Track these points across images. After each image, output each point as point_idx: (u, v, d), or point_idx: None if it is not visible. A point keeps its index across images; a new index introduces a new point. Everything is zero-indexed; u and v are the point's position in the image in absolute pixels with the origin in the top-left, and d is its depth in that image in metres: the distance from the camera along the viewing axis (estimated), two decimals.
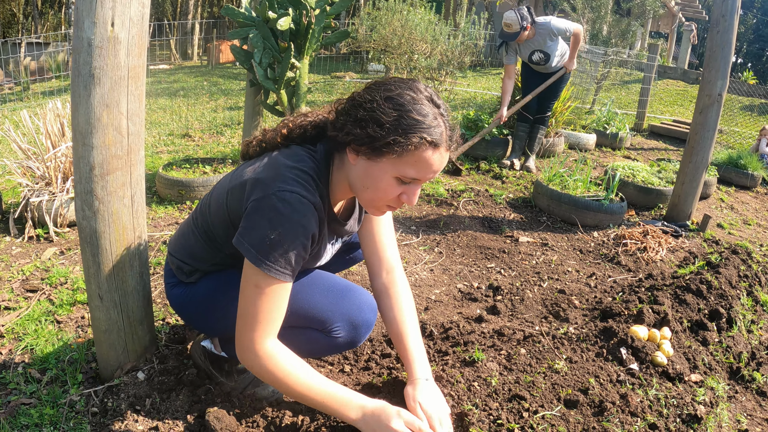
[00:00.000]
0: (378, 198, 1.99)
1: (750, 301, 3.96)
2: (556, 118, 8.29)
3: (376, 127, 1.86)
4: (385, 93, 1.90)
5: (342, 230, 2.32)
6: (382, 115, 1.86)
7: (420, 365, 2.32)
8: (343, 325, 2.26)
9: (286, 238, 1.91)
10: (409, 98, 1.88)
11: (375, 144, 1.87)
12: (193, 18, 28.40)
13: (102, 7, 2.04)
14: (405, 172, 1.90)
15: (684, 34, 27.82)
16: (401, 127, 1.84)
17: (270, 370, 2.01)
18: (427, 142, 1.86)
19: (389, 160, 1.89)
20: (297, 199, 1.91)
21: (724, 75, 5.56)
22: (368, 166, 1.94)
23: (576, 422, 2.28)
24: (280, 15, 5.47)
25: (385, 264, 2.51)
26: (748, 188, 8.73)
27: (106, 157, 2.22)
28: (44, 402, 2.52)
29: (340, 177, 2.09)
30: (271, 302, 1.98)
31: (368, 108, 1.90)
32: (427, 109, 1.89)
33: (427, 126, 1.86)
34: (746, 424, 2.87)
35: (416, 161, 1.88)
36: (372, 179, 1.95)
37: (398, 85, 1.93)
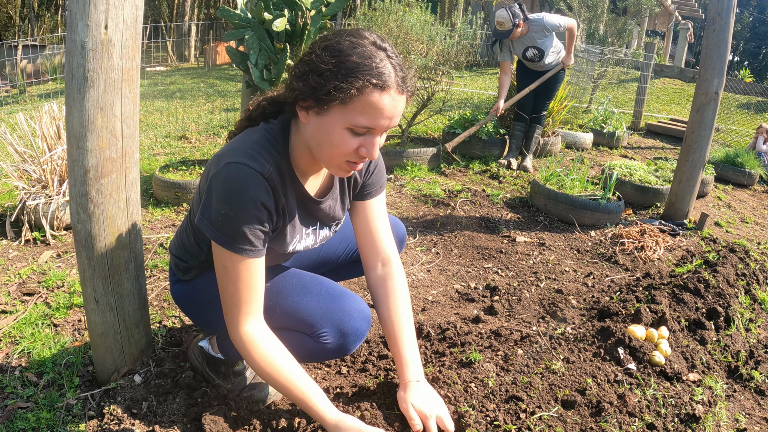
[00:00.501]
0: (335, 154, 1.91)
1: (748, 299, 3.96)
2: (553, 118, 8.29)
3: (316, 77, 1.81)
4: (323, 43, 1.86)
5: (318, 210, 2.25)
6: (320, 64, 1.81)
7: (412, 368, 2.29)
8: (330, 331, 2.20)
9: (237, 212, 1.91)
10: (348, 44, 1.82)
11: (317, 94, 1.82)
12: (189, 19, 28.39)
13: (95, 9, 2.03)
14: (355, 120, 1.83)
15: (680, 33, 27.82)
16: (341, 72, 1.78)
17: (251, 356, 2.02)
18: (372, 84, 1.78)
19: (336, 110, 1.82)
20: (242, 170, 1.90)
21: (721, 73, 5.56)
22: (318, 121, 1.88)
23: (573, 423, 2.28)
24: (275, 16, 5.46)
25: (381, 255, 2.44)
26: (746, 186, 8.73)
27: (100, 160, 2.22)
28: (41, 406, 2.52)
29: (299, 141, 2.04)
30: (241, 281, 1.99)
31: (307, 60, 1.87)
32: (370, 51, 1.82)
33: (370, 68, 1.79)
34: (745, 423, 2.87)
35: (364, 107, 1.81)
36: (324, 134, 1.89)
37: (338, 34, 1.88)
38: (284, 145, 2.05)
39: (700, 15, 29.23)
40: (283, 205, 2.06)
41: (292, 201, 2.11)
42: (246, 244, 1.95)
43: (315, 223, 2.30)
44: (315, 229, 2.32)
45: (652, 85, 17.52)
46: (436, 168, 7.13)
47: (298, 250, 2.29)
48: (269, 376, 2.03)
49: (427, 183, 6.45)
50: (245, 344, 2.02)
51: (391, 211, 5.50)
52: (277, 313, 2.18)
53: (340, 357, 2.30)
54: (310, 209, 2.22)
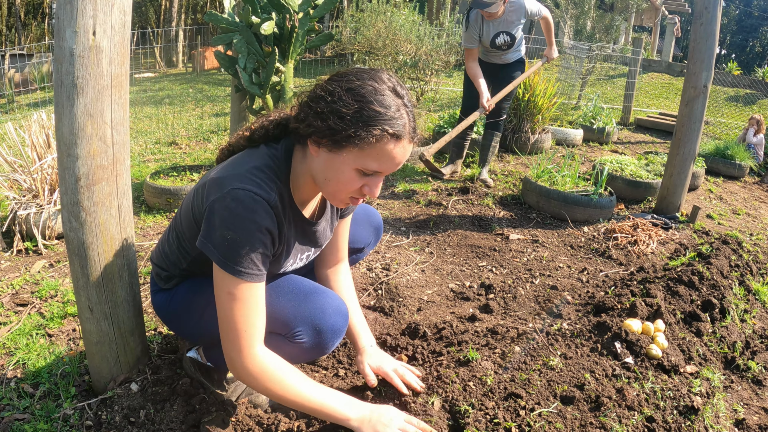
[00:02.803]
0: (340, 190, 1.97)
1: (742, 290, 3.97)
2: (542, 115, 8.27)
3: (337, 120, 1.83)
4: (346, 84, 1.87)
5: (313, 233, 2.29)
6: (342, 107, 1.83)
7: (363, 336, 2.52)
8: (305, 329, 2.20)
9: (243, 237, 1.90)
10: (370, 89, 1.85)
11: (336, 137, 1.84)
12: (177, 25, 28.38)
13: (83, 16, 2.02)
14: (367, 164, 1.88)
15: (668, 28, 27.95)
16: (362, 120, 1.82)
17: (261, 382, 2.01)
18: (389, 134, 1.83)
19: (351, 152, 1.86)
20: (249, 197, 1.90)
21: (709, 66, 5.57)
22: (330, 158, 1.91)
23: (573, 418, 2.27)
24: (263, 19, 5.46)
25: (337, 260, 2.62)
26: (736, 178, 8.78)
27: (91, 168, 2.21)
28: (38, 417, 2.50)
29: (303, 170, 2.07)
30: (247, 307, 1.97)
31: (329, 100, 1.86)
32: (390, 100, 1.86)
33: (389, 118, 1.83)
34: (743, 413, 2.88)
35: (378, 154, 1.86)
36: (334, 171, 1.92)
37: (360, 75, 1.90)
38: (287, 173, 2.07)
39: (686, 9, 29.34)
40: (285, 231, 2.09)
41: (291, 227, 2.13)
42: (252, 268, 1.95)
43: (309, 247, 2.34)
44: (308, 255, 2.38)
45: (641, 80, 17.56)
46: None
47: (287, 271, 2.34)
48: (285, 399, 2.04)
49: (418, 183, 6.44)
50: (255, 374, 2.00)
51: (384, 211, 5.49)
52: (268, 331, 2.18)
53: (318, 356, 2.32)
54: (306, 233, 2.25)
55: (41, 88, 13.54)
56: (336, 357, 3.00)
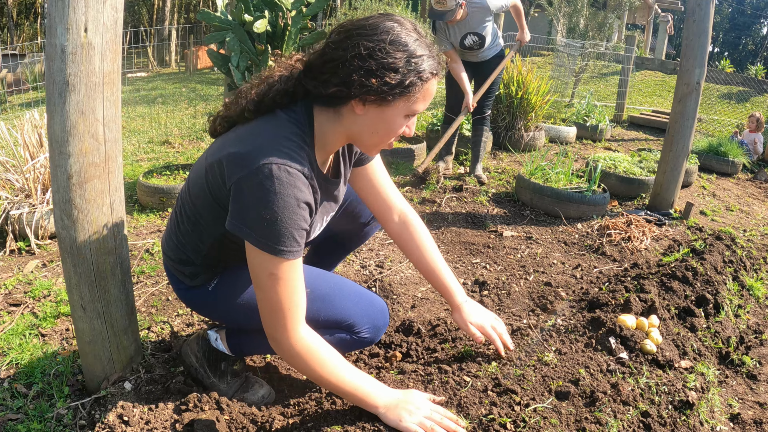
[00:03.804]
0: (386, 140, 2.03)
1: (736, 286, 3.98)
2: (536, 112, 8.28)
3: (392, 73, 1.84)
4: (386, 36, 1.85)
5: (337, 191, 2.31)
6: (394, 61, 1.84)
7: (457, 293, 2.62)
8: (369, 328, 2.44)
9: (283, 216, 1.85)
10: (405, 36, 1.87)
11: (393, 90, 1.87)
12: (169, 24, 28.31)
13: (74, 12, 2.02)
14: (416, 107, 1.95)
15: (660, 26, 28.03)
16: (412, 68, 1.86)
17: (306, 361, 2.02)
18: (433, 74, 1.92)
19: (402, 101, 1.91)
20: (283, 171, 1.85)
21: (702, 63, 5.58)
22: (380, 112, 1.93)
23: (568, 414, 2.27)
24: (256, 17, 5.45)
25: (395, 208, 2.60)
26: (730, 175, 8.81)
27: (83, 165, 2.20)
28: (31, 417, 2.50)
29: (335, 130, 2.05)
30: (290, 287, 1.95)
31: (379, 57, 1.85)
32: (422, 41, 1.91)
33: (428, 58, 1.90)
34: (738, 407, 2.88)
35: (425, 94, 1.95)
36: (385, 123, 1.96)
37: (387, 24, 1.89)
38: (311, 136, 2.03)
39: (679, 7, 29.42)
40: (317, 198, 2.07)
41: (317, 191, 2.07)
42: (293, 245, 1.91)
43: (333, 207, 2.36)
44: (331, 214, 2.40)
45: (634, 78, 17.62)
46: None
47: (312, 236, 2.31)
48: (322, 378, 2.06)
49: (411, 180, 6.43)
50: (302, 354, 2.01)
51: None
52: (321, 318, 2.23)
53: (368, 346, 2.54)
54: (329, 192, 2.25)
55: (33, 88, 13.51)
56: None
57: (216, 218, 2.09)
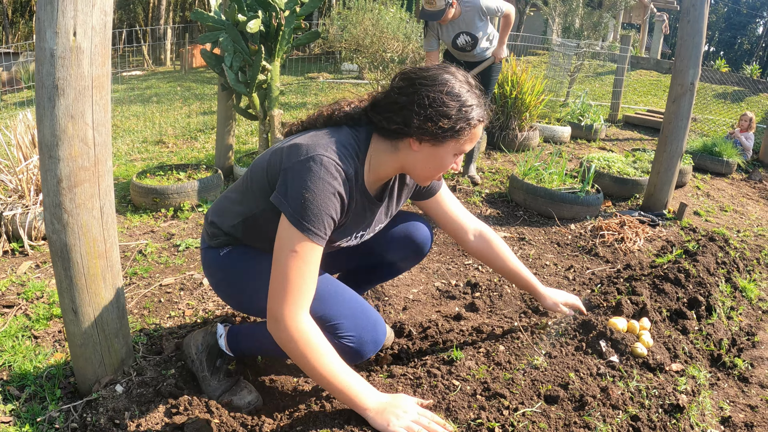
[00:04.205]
0: (438, 173, 2.30)
1: (729, 287, 3.98)
2: (530, 112, 8.28)
3: (445, 120, 2.12)
4: (442, 87, 2.14)
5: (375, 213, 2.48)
6: (448, 109, 2.13)
7: (538, 285, 2.97)
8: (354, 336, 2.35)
9: (319, 198, 2.07)
10: (459, 88, 2.16)
11: (445, 134, 2.15)
12: (165, 23, 28.30)
13: (63, 16, 2.02)
14: (463, 147, 2.23)
15: (656, 25, 28.06)
16: (462, 116, 2.14)
17: (298, 346, 2.08)
18: (480, 121, 2.19)
19: (452, 142, 2.18)
20: (331, 163, 2.11)
21: (696, 64, 5.59)
22: (433, 151, 2.21)
23: (557, 418, 2.28)
24: (249, 17, 5.45)
25: (469, 229, 2.86)
26: (724, 175, 8.81)
27: (73, 169, 2.20)
28: (23, 419, 2.50)
29: (389, 160, 2.30)
30: (304, 267, 2.09)
31: (436, 106, 2.13)
32: (472, 92, 2.19)
33: (477, 107, 2.18)
34: (729, 410, 2.89)
35: (471, 138, 2.22)
36: (437, 160, 2.23)
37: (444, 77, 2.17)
38: (364, 155, 2.28)
39: (675, 7, 29.42)
40: (352, 205, 2.26)
41: (356, 204, 2.30)
42: (320, 229, 2.09)
43: (366, 226, 2.51)
44: (363, 234, 2.54)
45: (629, 77, 17.63)
46: None
47: (342, 246, 2.54)
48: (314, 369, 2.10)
49: None
50: (296, 336, 2.08)
51: None
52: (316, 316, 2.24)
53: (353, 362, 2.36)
54: (366, 212, 2.42)
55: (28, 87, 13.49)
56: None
57: (262, 194, 2.29)
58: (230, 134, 6.54)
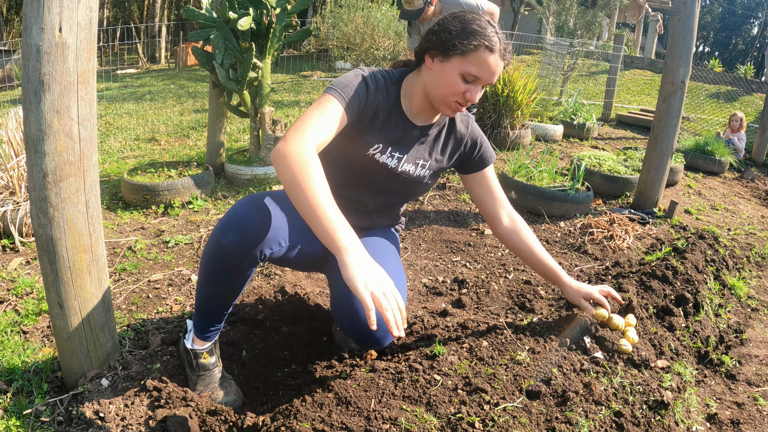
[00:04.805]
0: (448, 93, 2.43)
1: (717, 285, 4.00)
2: (522, 110, 8.28)
3: (446, 34, 2.39)
4: (452, 15, 2.45)
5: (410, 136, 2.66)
6: (450, 26, 2.41)
7: (563, 274, 2.98)
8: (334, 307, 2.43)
9: (348, 76, 2.45)
10: (471, 17, 2.41)
11: (445, 46, 2.38)
12: (159, 21, 28.27)
13: (49, 12, 2.03)
14: (468, 69, 2.37)
15: (650, 24, 28.05)
16: (464, 33, 2.36)
17: (290, 163, 2.07)
18: (485, 45, 2.35)
19: (456, 60, 2.38)
20: (365, 68, 2.58)
21: (687, 62, 5.61)
22: (440, 67, 2.42)
23: (539, 413, 2.29)
24: (240, 15, 5.46)
25: (504, 211, 2.94)
26: (716, 174, 8.84)
27: (58, 164, 2.21)
28: (10, 413, 2.50)
29: (417, 83, 2.57)
30: (319, 111, 2.32)
31: (440, 24, 2.46)
32: (486, 25, 2.39)
33: (484, 35, 2.35)
34: (716, 407, 2.90)
35: (477, 61, 2.36)
36: (444, 77, 2.41)
37: (464, 12, 2.47)
38: (398, 81, 2.62)
39: (669, 6, 29.40)
40: (378, 103, 2.54)
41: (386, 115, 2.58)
42: (339, 90, 2.39)
43: (404, 149, 2.67)
44: (400, 157, 2.66)
45: (623, 77, 17.66)
46: None
47: (376, 158, 2.60)
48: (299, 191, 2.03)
49: None
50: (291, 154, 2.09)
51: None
52: None
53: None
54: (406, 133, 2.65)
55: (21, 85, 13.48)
56: None
57: None
58: (222, 132, 6.55)
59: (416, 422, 2.15)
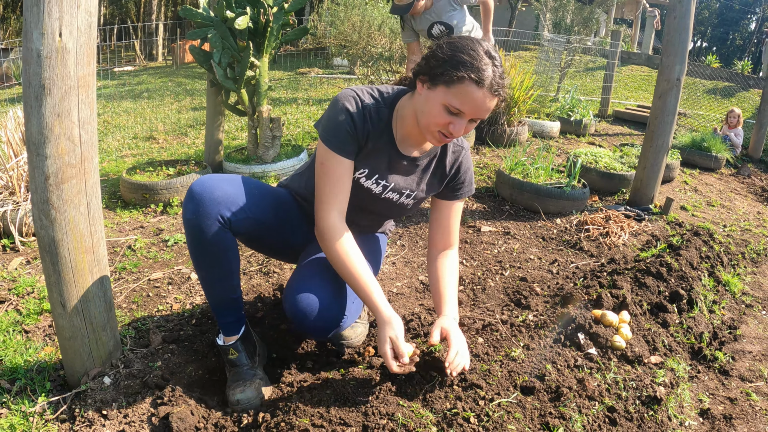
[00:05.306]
0: (431, 123, 2.33)
1: (712, 281, 4.03)
2: (519, 107, 8.29)
3: (434, 61, 2.29)
4: (448, 41, 2.33)
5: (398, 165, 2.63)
6: (440, 53, 2.29)
7: (449, 306, 2.65)
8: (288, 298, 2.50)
9: (333, 115, 2.44)
10: (465, 44, 2.27)
11: (433, 72, 2.28)
12: (157, 18, 28.24)
13: (49, 17, 2.06)
14: (452, 101, 2.25)
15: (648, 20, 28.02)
16: (452, 62, 2.23)
17: (330, 241, 2.45)
18: (471, 78, 2.20)
19: (441, 89, 2.26)
20: (351, 93, 2.48)
21: (682, 59, 5.63)
22: (427, 94, 2.32)
23: (533, 408, 2.32)
24: (237, 14, 5.48)
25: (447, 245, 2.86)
26: (713, 170, 8.84)
27: (60, 167, 2.24)
28: (14, 411, 2.52)
29: (409, 106, 2.49)
30: (327, 176, 2.46)
31: (433, 50, 2.35)
32: (479, 55, 2.23)
33: (474, 66, 2.20)
34: (708, 403, 2.93)
35: (461, 93, 2.23)
36: (428, 105, 2.32)
37: (462, 38, 2.33)
38: (392, 103, 2.55)
39: (667, 2, 29.38)
40: (368, 132, 2.50)
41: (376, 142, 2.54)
42: (332, 137, 2.43)
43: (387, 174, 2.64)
44: (386, 185, 2.65)
45: (620, 73, 17.66)
46: None
47: (362, 183, 2.61)
48: (341, 264, 2.43)
49: None
50: (327, 233, 2.45)
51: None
52: None
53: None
54: (392, 160, 2.62)
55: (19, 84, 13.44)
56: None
57: None
58: (219, 130, 6.56)
59: (413, 417, 2.18)
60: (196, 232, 2.44)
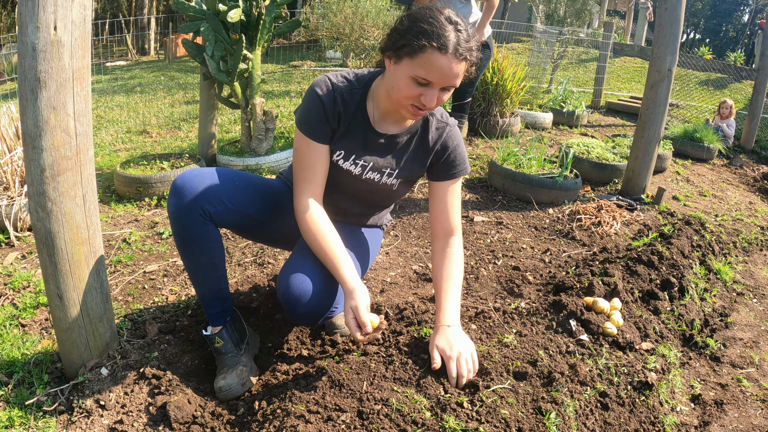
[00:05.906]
0: (402, 96, 2.33)
1: (703, 270, 4.05)
2: (511, 98, 8.30)
3: (396, 34, 2.30)
4: (408, 13, 2.35)
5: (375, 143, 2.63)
6: (400, 26, 2.30)
7: (446, 314, 2.55)
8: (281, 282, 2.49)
9: (306, 101, 2.52)
10: (424, 14, 2.26)
11: (395, 46, 2.29)
12: (148, 12, 28.16)
13: (44, 11, 2.08)
14: (417, 72, 2.24)
15: (641, 12, 28.01)
16: (412, 32, 2.22)
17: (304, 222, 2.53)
18: (433, 46, 2.18)
19: (406, 61, 2.26)
20: (323, 79, 2.53)
21: (674, 51, 5.66)
22: (394, 69, 2.33)
23: (525, 393, 2.34)
24: (230, 7, 5.48)
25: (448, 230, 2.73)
26: (705, 161, 8.88)
27: (56, 159, 2.26)
28: (12, 404, 2.53)
29: (382, 85, 2.50)
30: (301, 161, 2.55)
31: (396, 23, 2.35)
32: (439, 21, 2.22)
33: (435, 33, 2.19)
34: (699, 388, 2.96)
35: (425, 62, 2.21)
36: (396, 79, 2.32)
37: (422, 8, 2.32)
38: (366, 83, 2.57)
39: None
40: (338, 113, 2.53)
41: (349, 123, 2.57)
42: (307, 126, 2.51)
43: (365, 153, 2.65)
44: (364, 165, 2.65)
45: (613, 64, 17.67)
46: None
47: (340, 165, 2.64)
48: (312, 238, 2.51)
49: None
50: (300, 213, 2.54)
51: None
52: None
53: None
54: (368, 140, 2.62)
55: (11, 79, 13.42)
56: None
57: None
58: (213, 123, 6.57)
59: (407, 403, 2.20)
60: (179, 225, 2.51)
